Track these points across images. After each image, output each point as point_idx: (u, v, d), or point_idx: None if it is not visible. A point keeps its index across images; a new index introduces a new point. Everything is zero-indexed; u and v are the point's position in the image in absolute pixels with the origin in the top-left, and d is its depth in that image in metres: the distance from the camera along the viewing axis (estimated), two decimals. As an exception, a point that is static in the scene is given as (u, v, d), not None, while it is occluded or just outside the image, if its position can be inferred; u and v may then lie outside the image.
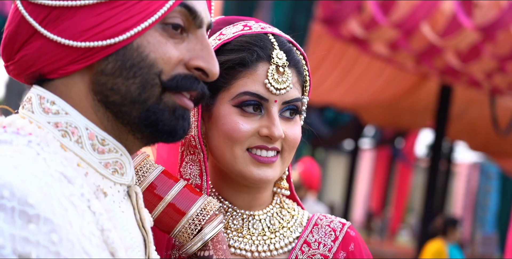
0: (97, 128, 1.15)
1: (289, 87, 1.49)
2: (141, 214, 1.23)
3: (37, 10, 1.13)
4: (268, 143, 1.48)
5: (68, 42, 1.11)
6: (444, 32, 8.46)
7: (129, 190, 1.22)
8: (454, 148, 19.08)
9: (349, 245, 1.58)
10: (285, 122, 1.50)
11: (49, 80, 1.15)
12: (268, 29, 1.55)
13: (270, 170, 1.49)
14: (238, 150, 1.48)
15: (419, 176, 23.26)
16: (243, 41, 1.51)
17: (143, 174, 1.45)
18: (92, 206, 1.06)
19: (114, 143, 1.16)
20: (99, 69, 1.13)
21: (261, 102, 1.48)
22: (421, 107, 13.36)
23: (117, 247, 1.07)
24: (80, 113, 1.14)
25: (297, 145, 1.53)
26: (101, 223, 1.06)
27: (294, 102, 1.50)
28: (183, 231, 1.44)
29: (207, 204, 1.46)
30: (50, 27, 1.12)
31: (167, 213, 1.44)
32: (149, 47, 1.13)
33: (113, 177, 1.17)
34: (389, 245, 20.28)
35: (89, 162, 1.13)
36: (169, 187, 1.45)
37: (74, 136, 1.13)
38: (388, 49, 9.38)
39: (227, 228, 1.55)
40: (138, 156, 1.47)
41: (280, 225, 1.57)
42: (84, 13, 1.11)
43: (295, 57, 1.52)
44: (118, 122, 1.16)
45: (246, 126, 1.47)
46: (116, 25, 1.12)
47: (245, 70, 1.48)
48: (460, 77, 10.18)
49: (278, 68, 1.48)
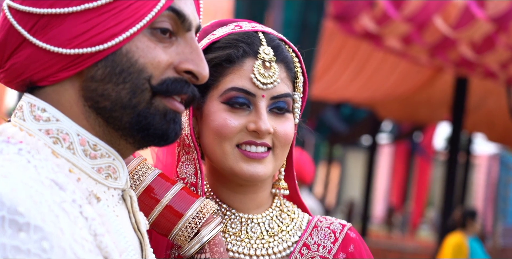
0: (89, 134, 1.15)
1: (276, 82, 1.48)
2: (136, 218, 1.23)
3: (26, 18, 1.13)
4: (257, 138, 1.47)
5: (58, 49, 1.11)
6: (457, 24, 8.44)
7: (123, 194, 1.22)
8: (472, 140, 18.99)
9: (348, 246, 1.56)
10: (275, 118, 1.49)
11: (39, 87, 1.15)
12: (259, 27, 1.55)
13: (260, 166, 1.48)
14: (228, 147, 1.48)
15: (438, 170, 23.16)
16: (231, 38, 1.52)
17: (139, 178, 1.45)
18: (84, 212, 1.06)
19: (106, 148, 1.16)
20: (89, 75, 1.14)
21: (248, 97, 1.48)
22: (437, 100, 13.31)
23: (111, 251, 1.07)
24: (71, 119, 1.14)
25: (289, 142, 1.50)
26: (93, 228, 1.06)
27: (283, 98, 1.49)
28: (180, 234, 1.43)
29: (203, 206, 1.44)
30: (39, 35, 1.12)
31: (164, 215, 1.43)
32: (138, 52, 1.14)
33: (106, 181, 1.17)
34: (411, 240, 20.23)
35: (82, 168, 1.14)
36: (166, 190, 1.44)
37: (65, 143, 1.13)
38: (401, 43, 9.35)
39: (225, 231, 1.53)
40: (134, 160, 1.47)
41: (279, 229, 1.56)
42: (72, 20, 1.12)
43: (283, 53, 1.51)
44: (110, 127, 1.16)
45: (234, 122, 1.47)
46: (105, 31, 1.12)
47: (232, 66, 1.49)
48: (475, 68, 10.13)
49: (265, 63, 1.48)
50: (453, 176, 11.72)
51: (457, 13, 8.45)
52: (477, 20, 8.21)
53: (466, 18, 8.25)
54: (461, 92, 11.65)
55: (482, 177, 23.26)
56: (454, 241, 7.98)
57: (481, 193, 23.18)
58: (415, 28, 8.57)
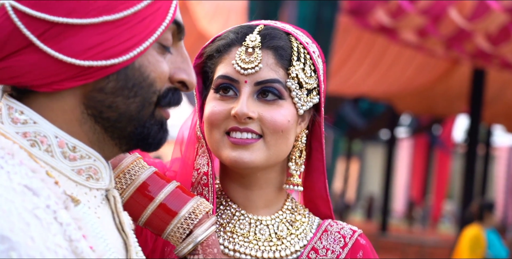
0: (67, 136, 1.13)
1: (258, 67, 1.47)
2: (120, 218, 1.21)
3: (35, 23, 1.09)
4: (240, 124, 1.46)
5: (71, 60, 1.09)
6: (472, 15, 8.40)
7: (107, 194, 1.21)
8: (492, 132, 18.89)
9: (357, 253, 1.54)
10: (262, 105, 1.48)
11: (29, 91, 1.13)
12: (264, 22, 1.55)
13: (246, 152, 1.46)
14: (217, 134, 1.48)
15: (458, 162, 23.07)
16: (228, 31, 1.54)
17: (131, 176, 1.42)
18: (58, 217, 1.04)
19: (86, 149, 1.14)
20: (98, 87, 1.12)
21: (233, 84, 1.48)
22: (455, 92, 13.26)
23: (87, 256, 1.05)
24: (58, 124, 1.13)
25: (279, 130, 1.48)
26: (68, 234, 1.04)
27: (269, 84, 1.47)
28: (172, 234, 1.40)
29: (197, 206, 1.41)
30: (51, 43, 1.09)
31: (157, 214, 1.40)
32: (150, 67, 1.14)
33: (87, 183, 1.15)
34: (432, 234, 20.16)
35: (61, 170, 1.12)
36: (161, 188, 1.41)
37: (43, 145, 1.11)
38: (417, 36, 9.33)
39: (234, 232, 1.51)
40: (127, 158, 1.43)
41: (288, 232, 1.53)
42: (89, 31, 1.09)
43: (275, 40, 1.50)
44: (107, 135, 1.15)
45: (219, 108, 1.48)
46: (119, 44, 1.10)
47: (221, 55, 1.51)
48: (492, 60, 10.09)
49: (248, 49, 1.48)
50: (472, 169, 11.67)
51: (472, 5, 8.42)
52: (492, 11, 8.17)
53: (481, 9, 8.21)
54: (479, 84, 11.60)
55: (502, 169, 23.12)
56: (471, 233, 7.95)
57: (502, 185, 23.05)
58: (430, 21, 8.55)
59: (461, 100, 13.00)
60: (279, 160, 1.51)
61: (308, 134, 1.58)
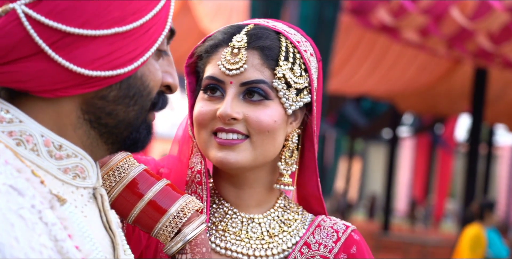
0: (53, 134, 1.13)
1: (243, 68, 1.47)
2: (108, 216, 1.21)
3: (48, 32, 1.09)
4: (225, 125, 1.47)
5: (80, 69, 1.10)
6: (474, 14, 8.40)
7: (94, 193, 1.21)
8: (494, 131, 18.88)
9: (351, 248, 1.53)
10: (247, 105, 1.48)
11: (23, 93, 1.13)
12: (255, 21, 1.55)
13: (232, 153, 1.47)
14: (204, 134, 1.49)
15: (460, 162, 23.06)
16: (217, 31, 1.54)
17: (120, 174, 1.41)
18: (44, 217, 1.04)
19: (73, 148, 1.14)
20: (100, 94, 1.13)
21: (219, 84, 1.49)
22: (457, 92, 13.26)
23: (73, 256, 1.05)
24: (51, 127, 1.13)
25: (265, 130, 1.48)
26: (53, 234, 1.04)
27: (254, 84, 1.47)
28: (161, 233, 1.39)
29: (186, 205, 1.40)
30: (62, 52, 1.09)
31: (146, 211, 1.39)
32: (150, 76, 1.16)
33: (74, 182, 1.15)
34: (434, 233, 20.16)
35: (47, 169, 1.12)
36: (150, 185, 1.41)
37: (29, 144, 1.11)
38: (419, 35, 9.33)
39: (226, 230, 1.52)
40: (116, 155, 1.43)
41: (281, 229, 1.53)
42: (99, 42, 1.11)
43: (261, 41, 1.50)
44: (101, 140, 1.17)
45: (206, 109, 1.49)
46: (125, 55, 1.12)
47: (209, 56, 1.51)
48: (494, 59, 10.08)
49: (233, 50, 1.49)
50: (474, 168, 11.67)
51: (473, 4, 8.42)
52: (494, 11, 8.17)
53: (483, 8, 8.21)
54: (481, 83, 11.60)
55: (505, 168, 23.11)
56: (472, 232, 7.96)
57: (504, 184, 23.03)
58: (432, 20, 8.55)
59: (463, 100, 13.00)
60: (267, 160, 1.51)
61: (301, 133, 1.57)
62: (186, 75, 1.57)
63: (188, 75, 1.57)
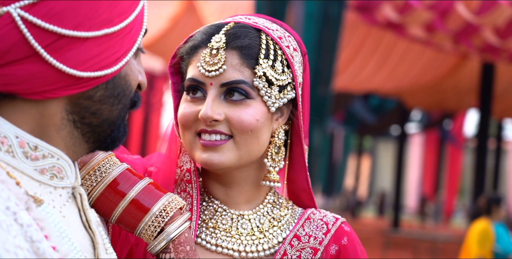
0: (28, 135, 1.13)
1: (222, 69, 1.47)
2: (87, 216, 1.21)
3: (44, 35, 1.10)
4: (207, 126, 1.47)
5: (72, 71, 1.11)
6: (479, 9, 8.39)
7: (74, 192, 1.21)
8: (502, 126, 18.83)
9: (341, 239, 1.54)
10: (229, 105, 1.48)
11: (5, 95, 1.12)
12: (236, 18, 1.54)
13: (216, 154, 1.47)
14: (189, 136, 1.50)
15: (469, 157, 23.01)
16: (198, 31, 1.55)
17: (101, 174, 1.40)
18: (19, 219, 1.04)
19: (49, 148, 1.14)
20: (86, 95, 1.15)
21: (200, 86, 1.49)
22: (465, 87, 13.24)
23: (49, 256, 1.05)
24: (29, 129, 1.13)
25: (248, 130, 1.48)
26: (29, 235, 1.04)
27: (234, 84, 1.47)
28: (144, 232, 1.38)
29: (168, 203, 1.39)
30: (55, 54, 1.10)
31: (129, 211, 1.38)
32: (131, 75, 1.19)
33: (51, 182, 1.15)
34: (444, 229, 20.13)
35: (23, 171, 1.12)
36: (133, 184, 1.40)
37: (4, 146, 1.11)
38: (424, 31, 9.33)
39: (216, 227, 1.52)
40: (98, 155, 1.41)
41: (271, 224, 1.54)
42: (90, 44, 1.12)
43: (240, 40, 1.49)
44: (83, 140, 1.18)
45: (189, 110, 1.49)
46: (111, 55, 1.14)
47: (190, 57, 1.52)
48: (501, 53, 10.06)
49: (212, 51, 1.49)
50: (483, 163, 11.65)
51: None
52: (499, 5, 8.16)
53: (488, 3, 8.20)
54: (488, 78, 11.58)
55: (515, 163, 23.01)
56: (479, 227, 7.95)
57: (514, 179, 22.94)
58: (437, 16, 8.55)
59: (471, 95, 12.98)
60: (252, 159, 1.51)
61: (289, 128, 1.56)
62: (170, 75, 1.57)
63: (172, 75, 1.57)
